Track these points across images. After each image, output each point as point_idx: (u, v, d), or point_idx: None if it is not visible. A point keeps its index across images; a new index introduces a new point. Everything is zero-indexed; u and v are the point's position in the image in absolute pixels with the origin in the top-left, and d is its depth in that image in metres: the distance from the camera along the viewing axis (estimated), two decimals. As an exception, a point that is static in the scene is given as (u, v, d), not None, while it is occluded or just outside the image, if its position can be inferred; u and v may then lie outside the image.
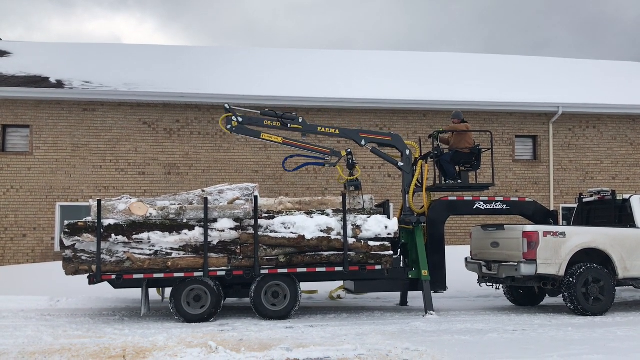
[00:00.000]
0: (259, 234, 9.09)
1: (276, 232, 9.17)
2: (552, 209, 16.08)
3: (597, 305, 9.48)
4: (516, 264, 9.46)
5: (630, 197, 10.25)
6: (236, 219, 9.18)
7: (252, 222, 9.12)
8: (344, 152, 10.39)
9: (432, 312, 9.55)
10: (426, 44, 66.95)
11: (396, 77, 18.37)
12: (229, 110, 10.07)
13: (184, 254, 9.00)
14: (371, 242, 9.30)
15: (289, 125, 10.14)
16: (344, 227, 9.23)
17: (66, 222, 8.98)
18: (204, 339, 7.19)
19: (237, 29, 72.72)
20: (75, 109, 15.58)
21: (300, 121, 10.20)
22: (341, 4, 73.34)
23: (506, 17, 70.44)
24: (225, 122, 10.11)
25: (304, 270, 9.24)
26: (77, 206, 15.19)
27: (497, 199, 10.67)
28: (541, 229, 9.57)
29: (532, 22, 68.91)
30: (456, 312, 9.95)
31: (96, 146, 15.60)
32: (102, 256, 8.76)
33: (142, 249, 8.93)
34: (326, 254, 9.21)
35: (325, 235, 9.19)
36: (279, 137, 10.23)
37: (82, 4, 72.68)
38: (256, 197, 9.30)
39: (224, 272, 9.07)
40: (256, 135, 10.20)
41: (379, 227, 9.37)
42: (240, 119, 10.05)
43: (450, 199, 10.59)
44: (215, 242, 9.04)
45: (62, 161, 15.45)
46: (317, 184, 16.30)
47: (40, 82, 15.80)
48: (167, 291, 9.72)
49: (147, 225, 8.89)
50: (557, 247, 9.46)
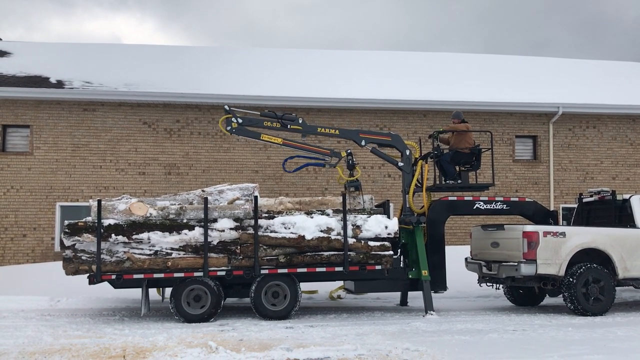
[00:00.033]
0: (259, 234, 9.09)
1: (276, 232, 9.17)
2: (552, 209, 16.08)
3: (597, 305, 9.48)
4: (516, 264, 9.46)
5: (630, 197, 10.25)
6: (236, 219, 9.18)
7: (252, 222, 9.12)
8: (344, 153, 10.38)
9: (432, 312, 9.55)
10: (426, 44, 67.02)
11: (396, 77, 18.37)
12: (229, 111, 10.05)
13: (184, 254, 9.00)
14: (371, 242, 9.29)
15: (288, 126, 10.12)
16: (344, 227, 9.22)
17: (66, 222, 8.99)
18: (204, 339, 7.19)
19: (237, 29, 72.76)
20: (75, 109, 15.59)
21: (300, 122, 10.18)
22: (341, 4, 73.37)
23: (506, 17, 70.50)
24: (225, 124, 10.10)
25: (304, 270, 9.24)
26: (77, 206, 15.20)
27: (497, 199, 10.68)
28: (541, 229, 9.57)
29: (532, 22, 68.96)
30: (456, 312, 9.95)
31: (96, 146, 15.60)
32: (102, 256, 8.76)
33: (142, 249, 8.93)
34: (326, 254, 9.21)
35: (325, 235, 9.19)
36: (278, 138, 10.22)
37: (82, 4, 72.72)
38: (256, 197, 9.30)
39: (224, 272, 9.07)
40: (256, 136, 10.19)
41: (379, 227, 9.37)
42: (240, 121, 10.04)
43: (450, 199, 10.59)
44: (215, 242, 9.04)
45: (62, 161, 15.45)
46: (317, 184, 16.30)
47: (40, 82, 15.80)
48: (167, 291, 9.72)
49: (147, 225, 8.89)
50: (557, 247, 9.46)
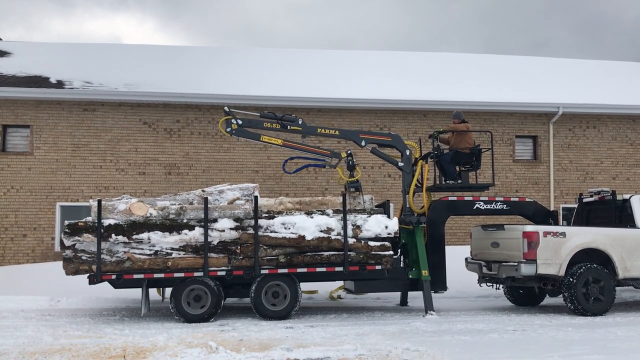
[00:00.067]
0: (259, 234, 9.09)
1: (276, 232, 9.17)
2: (552, 209, 16.08)
3: (597, 305, 9.48)
4: (516, 264, 9.46)
5: (630, 197, 10.25)
6: (236, 219, 9.18)
7: (252, 222, 9.12)
8: (344, 154, 10.37)
9: (432, 312, 9.55)
10: (426, 44, 67.03)
11: (396, 77, 18.37)
12: (229, 113, 10.04)
13: (184, 254, 9.00)
14: (371, 242, 9.29)
15: (288, 127, 10.12)
16: (344, 227, 9.22)
17: (66, 222, 8.98)
18: (204, 339, 7.19)
19: (237, 29, 72.78)
20: (75, 109, 15.59)
21: (300, 123, 10.17)
22: (341, 4, 73.38)
23: (506, 17, 70.51)
24: (225, 125, 10.09)
25: (304, 270, 9.24)
26: (77, 206, 15.20)
27: (497, 199, 10.68)
28: (541, 229, 9.57)
29: (532, 22, 68.97)
30: (456, 312, 9.95)
31: (96, 146, 15.61)
32: (102, 256, 8.76)
33: (142, 249, 8.93)
34: (326, 254, 9.21)
35: (325, 235, 9.19)
36: (278, 139, 10.20)
37: (82, 4, 72.72)
38: (256, 197, 9.30)
39: (224, 272, 9.07)
40: (256, 137, 10.18)
41: (379, 227, 9.36)
42: (240, 122, 10.02)
43: (450, 199, 10.59)
44: (215, 242, 9.04)
45: (62, 161, 15.46)
46: (317, 184, 16.30)
47: (40, 82, 15.81)
48: (167, 291, 9.72)
49: (147, 225, 8.89)
50: (557, 247, 9.46)
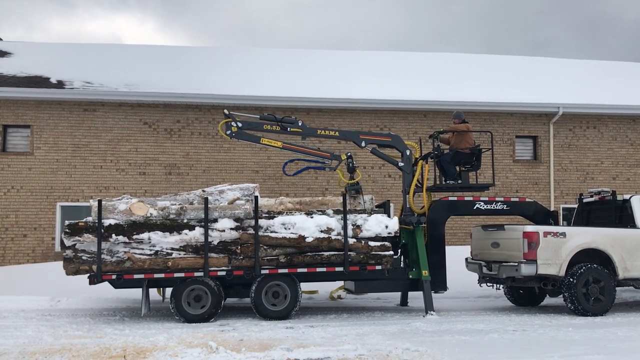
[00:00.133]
0: (260, 234, 9.09)
1: (276, 232, 9.17)
2: (552, 209, 16.06)
3: (598, 305, 9.48)
4: (516, 264, 9.46)
5: (630, 197, 10.25)
6: (236, 219, 9.18)
7: (253, 222, 9.12)
8: (344, 156, 10.34)
9: (432, 312, 9.55)
10: (427, 45, 67.03)
11: (396, 77, 18.37)
12: (228, 115, 10.02)
13: (185, 254, 9.00)
14: (371, 242, 9.29)
15: (288, 128, 10.10)
16: (344, 227, 9.22)
17: (67, 222, 8.99)
18: (204, 339, 7.20)
19: (237, 29, 72.79)
20: (75, 109, 15.59)
21: (299, 124, 10.16)
22: (341, 4, 73.38)
23: (506, 18, 70.51)
24: (224, 128, 10.08)
25: (305, 270, 9.23)
26: (78, 206, 15.20)
27: (497, 199, 10.68)
28: (541, 229, 9.57)
29: (532, 22, 68.97)
30: (456, 313, 9.95)
31: (97, 146, 15.61)
32: (102, 256, 8.76)
33: (142, 249, 8.93)
34: (326, 254, 9.21)
35: (325, 235, 9.19)
36: (278, 141, 10.18)
37: (82, 4, 72.74)
38: (256, 197, 9.30)
39: (224, 272, 9.07)
40: (256, 140, 10.15)
41: (380, 226, 9.36)
42: (239, 124, 10.00)
43: (450, 199, 10.59)
44: (215, 242, 9.04)
45: (62, 161, 15.46)
46: (317, 184, 16.30)
47: (40, 82, 15.81)
48: (168, 291, 9.72)
49: (147, 225, 8.89)
50: (558, 248, 9.46)
